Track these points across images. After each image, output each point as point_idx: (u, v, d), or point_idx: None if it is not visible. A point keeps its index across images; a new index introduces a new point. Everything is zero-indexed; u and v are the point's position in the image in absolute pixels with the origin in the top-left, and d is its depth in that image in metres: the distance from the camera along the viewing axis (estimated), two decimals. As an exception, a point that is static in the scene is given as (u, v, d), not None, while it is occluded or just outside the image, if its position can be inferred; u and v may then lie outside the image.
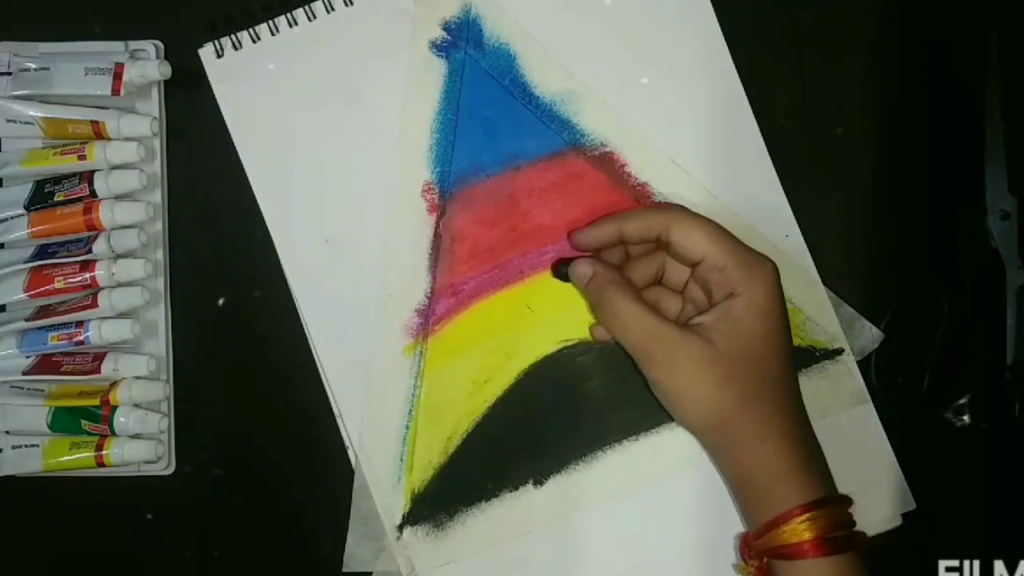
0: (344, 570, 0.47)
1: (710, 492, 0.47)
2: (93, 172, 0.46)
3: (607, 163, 0.48)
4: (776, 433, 0.41)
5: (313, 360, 0.48)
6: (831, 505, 0.40)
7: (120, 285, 0.46)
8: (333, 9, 0.48)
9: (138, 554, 0.49)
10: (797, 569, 0.40)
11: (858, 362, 0.48)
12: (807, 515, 0.40)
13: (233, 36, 0.48)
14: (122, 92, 0.46)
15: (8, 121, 0.47)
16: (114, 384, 0.46)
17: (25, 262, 0.46)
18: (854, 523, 0.42)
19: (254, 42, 0.48)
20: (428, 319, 0.48)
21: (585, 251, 0.45)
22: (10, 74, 0.47)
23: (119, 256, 0.47)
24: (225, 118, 0.48)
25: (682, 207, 0.45)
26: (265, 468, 0.49)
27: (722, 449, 0.43)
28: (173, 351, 0.49)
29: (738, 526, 0.46)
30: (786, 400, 0.42)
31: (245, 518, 0.49)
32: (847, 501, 0.42)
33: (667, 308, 0.45)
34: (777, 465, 0.41)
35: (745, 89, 0.48)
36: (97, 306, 0.46)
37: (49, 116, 0.47)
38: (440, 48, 0.48)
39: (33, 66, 0.47)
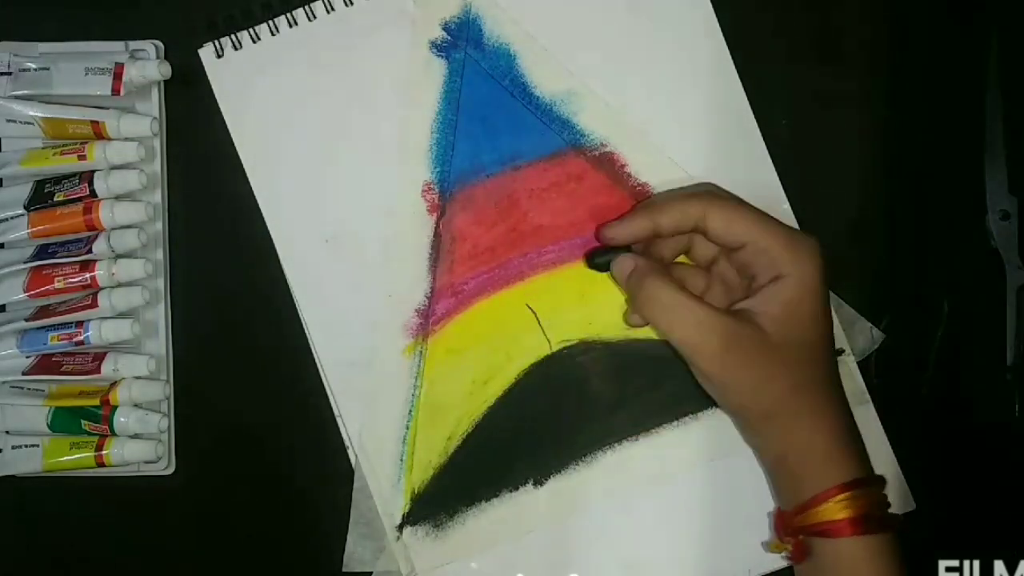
0: (344, 570, 0.47)
1: (710, 492, 0.47)
2: (93, 172, 0.46)
3: (607, 163, 0.48)
4: (824, 416, 0.41)
5: (313, 360, 0.48)
6: (868, 486, 0.40)
7: (120, 285, 0.46)
8: (333, 9, 0.48)
9: (138, 554, 0.49)
10: (834, 547, 0.40)
11: (858, 362, 0.48)
12: (845, 494, 0.40)
13: (233, 36, 0.48)
14: (122, 92, 0.46)
15: (8, 121, 0.47)
16: (114, 384, 0.46)
17: (25, 262, 0.46)
18: (888, 504, 0.42)
19: (254, 42, 0.48)
20: (428, 319, 0.48)
21: (615, 244, 0.44)
22: (10, 74, 0.47)
23: (119, 256, 0.47)
24: (225, 118, 0.48)
25: (713, 191, 0.43)
26: (265, 468, 0.49)
27: (767, 433, 0.42)
28: (173, 351, 0.49)
29: (738, 525, 0.46)
30: (833, 382, 0.41)
31: (245, 518, 0.49)
32: (882, 482, 0.42)
33: (693, 286, 0.44)
34: (822, 447, 0.40)
35: (745, 89, 0.48)
36: (97, 306, 0.46)
37: (49, 116, 0.47)
38: (440, 48, 0.48)
39: (33, 66, 0.47)
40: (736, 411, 0.42)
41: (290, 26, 0.48)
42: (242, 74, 0.48)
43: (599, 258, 0.44)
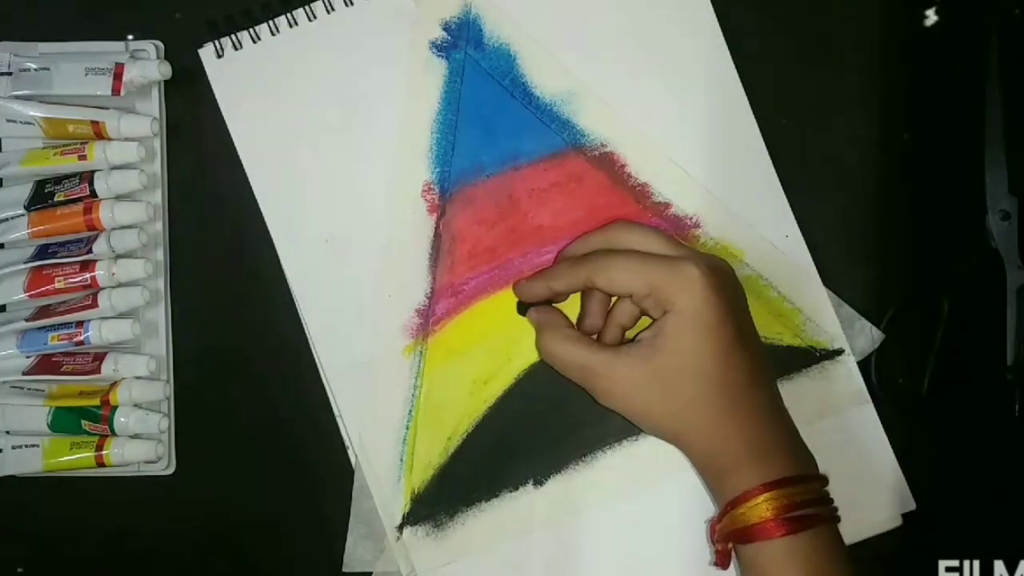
0: (344, 570, 0.47)
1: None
2: (93, 172, 0.46)
3: (607, 163, 0.48)
4: (727, 427, 0.41)
5: (313, 360, 0.48)
6: (793, 484, 0.40)
7: (120, 285, 0.46)
8: (333, 9, 0.48)
9: (138, 554, 0.49)
10: (758, 551, 0.40)
11: (858, 362, 0.48)
12: (765, 495, 0.40)
13: (233, 36, 0.48)
14: (122, 92, 0.46)
15: (8, 121, 0.47)
16: (114, 384, 0.46)
17: (25, 262, 0.46)
18: (827, 500, 0.42)
19: (254, 42, 0.48)
20: (428, 319, 0.48)
21: (526, 302, 0.47)
22: (10, 74, 0.47)
23: (119, 256, 0.47)
24: (225, 118, 0.48)
25: (603, 243, 0.45)
26: (265, 468, 0.49)
27: (680, 447, 0.44)
28: (173, 351, 0.49)
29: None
30: (738, 391, 0.42)
31: (245, 518, 0.49)
32: (815, 479, 0.42)
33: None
34: (733, 453, 0.41)
35: (745, 89, 0.48)
36: (97, 306, 0.46)
37: (49, 116, 0.47)
38: (440, 48, 0.48)
39: (33, 66, 0.47)
40: (647, 432, 0.45)
41: (290, 26, 0.48)
42: (242, 74, 0.48)
43: (520, 307, 0.48)
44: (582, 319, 0.46)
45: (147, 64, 0.47)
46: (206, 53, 0.48)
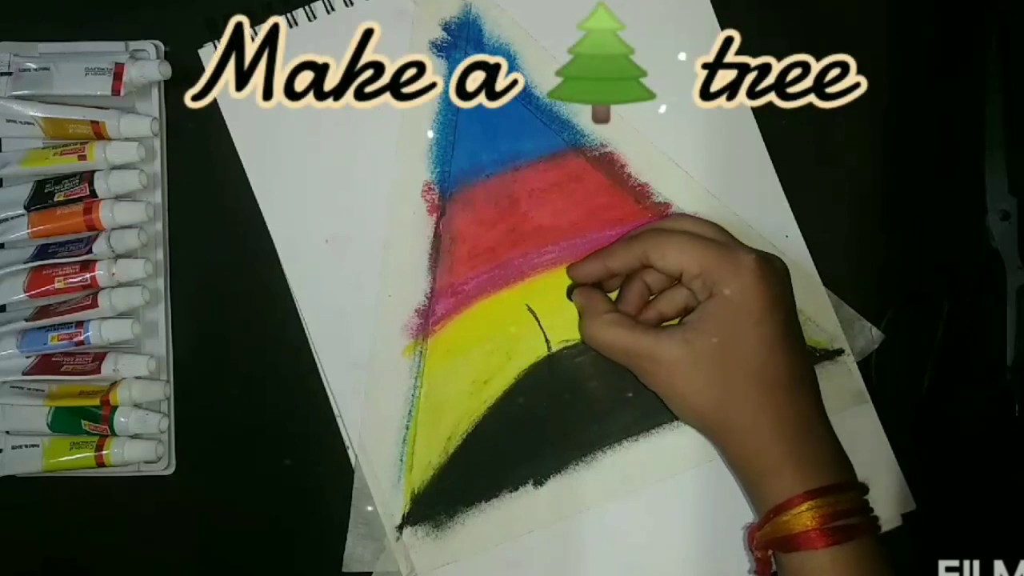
0: (344, 570, 0.47)
1: (710, 492, 0.47)
2: (93, 172, 0.46)
3: (607, 163, 0.48)
4: (767, 424, 0.41)
5: (313, 360, 0.48)
6: (835, 493, 0.40)
7: (120, 285, 0.46)
8: (333, 9, 0.48)
9: (138, 554, 0.49)
10: (796, 559, 0.40)
11: (858, 362, 0.48)
12: (808, 503, 0.39)
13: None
14: (122, 92, 0.46)
15: (8, 121, 0.47)
16: (114, 384, 0.46)
17: (25, 262, 0.46)
18: (868, 510, 0.41)
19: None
20: (428, 319, 0.48)
21: (578, 283, 0.47)
22: (10, 74, 0.47)
23: (119, 256, 0.47)
24: (225, 118, 0.48)
25: (658, 227, 0.45)
26: (265, 468, 0.49)
27: (718, 442, 0.43)
28: (173, 351, 0.49)
29: (737, 525, 0.46)
30: (779, 389, 0.41)
31: (245, 518, 0.49)
32: (857, 488, 0.41)
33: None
34: (774, 455, 0.41)
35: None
36: (97, 306, 0.46)
37: (49, 116, 0.47)
38: (440, 48, 0.48)
39: (33, 66, 0.47)
40: (682, 419, 0.44)
41: (290, 26, 0.48)
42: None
43: (569, 290, 0.48)
44: (618, 304, 0.46)
45: (147, 64, 0.47)
46: (206, 53, 0.48)
